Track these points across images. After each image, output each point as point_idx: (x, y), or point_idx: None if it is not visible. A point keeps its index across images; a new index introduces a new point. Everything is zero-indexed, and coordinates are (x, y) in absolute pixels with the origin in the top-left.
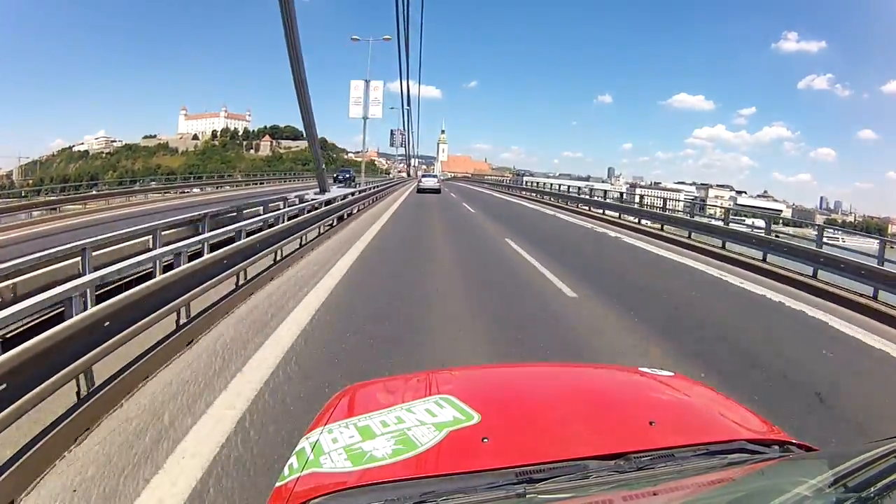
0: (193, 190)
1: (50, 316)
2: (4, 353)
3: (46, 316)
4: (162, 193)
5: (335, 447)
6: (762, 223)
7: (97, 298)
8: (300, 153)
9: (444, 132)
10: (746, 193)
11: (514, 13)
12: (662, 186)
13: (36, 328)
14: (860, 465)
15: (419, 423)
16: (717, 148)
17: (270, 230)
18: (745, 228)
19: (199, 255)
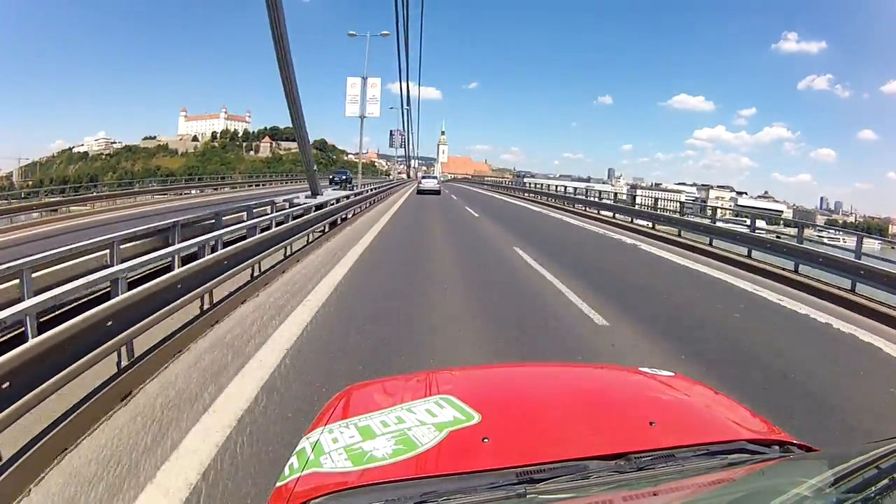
0: (193, 191)
1: None
2: None
3: None
4: (154, 195)
5: (335, 447)
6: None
7: (39, 327)
8: (300, 154)
9: (444, 133)
10: (747, 194)
11: (514, 14)
12: (663, 187)
13: None
14: (860, 465)
15: (419, 423)
16: (717, 149)
17: (248, 241)
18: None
19: (169, 269)
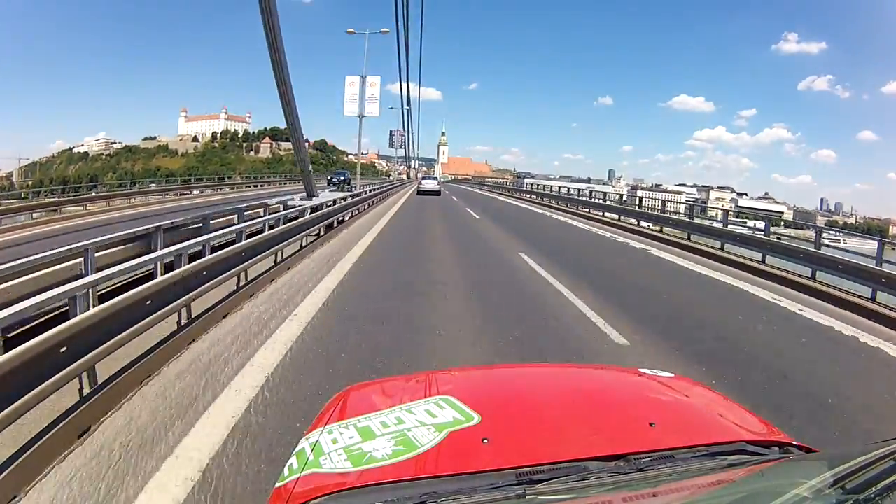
0: (193, 192)
1: None
2: None
3: None
4: (153, 196)
5: (335, 448)
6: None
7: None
8: (295, 156)
9: (444, 134)
10: (748, 195)
11: (514, 15)
12: (664, 188)
13: None
14: (860, 466)
15: (419, 423)
16: (717, 149)
17: (232, 248)
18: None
19: (151, 277)
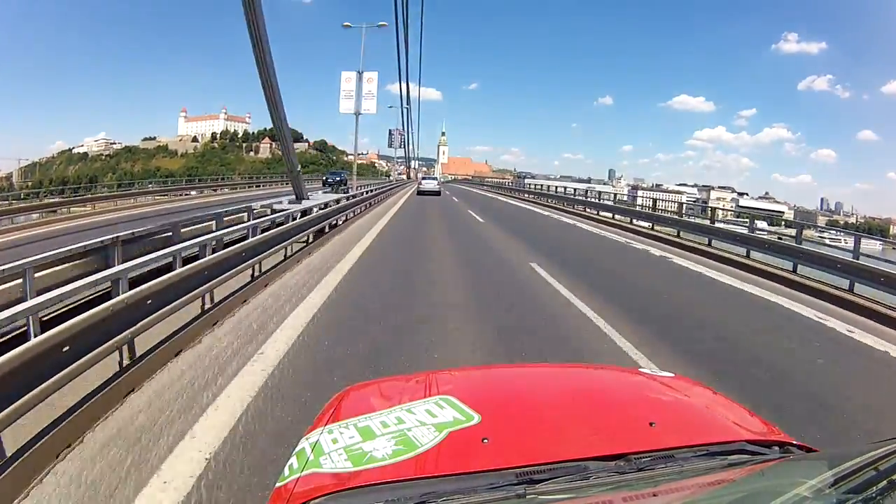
0: (192, 192)
1: None
2: None
3: None
4: (151, 196)
5: (335, 447)
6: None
7: None
8: (300, 155)
9: (444, 134)
10: (748, 195)
11: (514, 14)
12: (664, 188)
13: None
14: (860, 465)
15: (419, 423)
16: (717, 149)
17: (195, 264)
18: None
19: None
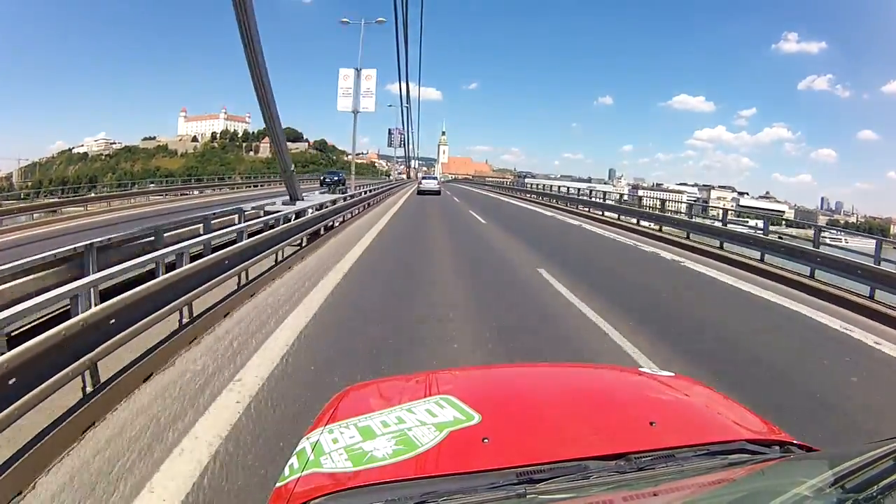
0: (193, 192)
1: None
2: None
3: None
4: (150, 196)
5: (336, 447)
6: None
7: None
8: (300, 155)
9: (444, 134)
10: (749, 195)
11: (514, 14)
12: (664, 188)
13: None
14: (860, 465)
15: (420, 423)
16: (717, 149)
17: (173, 274)
18: None
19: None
